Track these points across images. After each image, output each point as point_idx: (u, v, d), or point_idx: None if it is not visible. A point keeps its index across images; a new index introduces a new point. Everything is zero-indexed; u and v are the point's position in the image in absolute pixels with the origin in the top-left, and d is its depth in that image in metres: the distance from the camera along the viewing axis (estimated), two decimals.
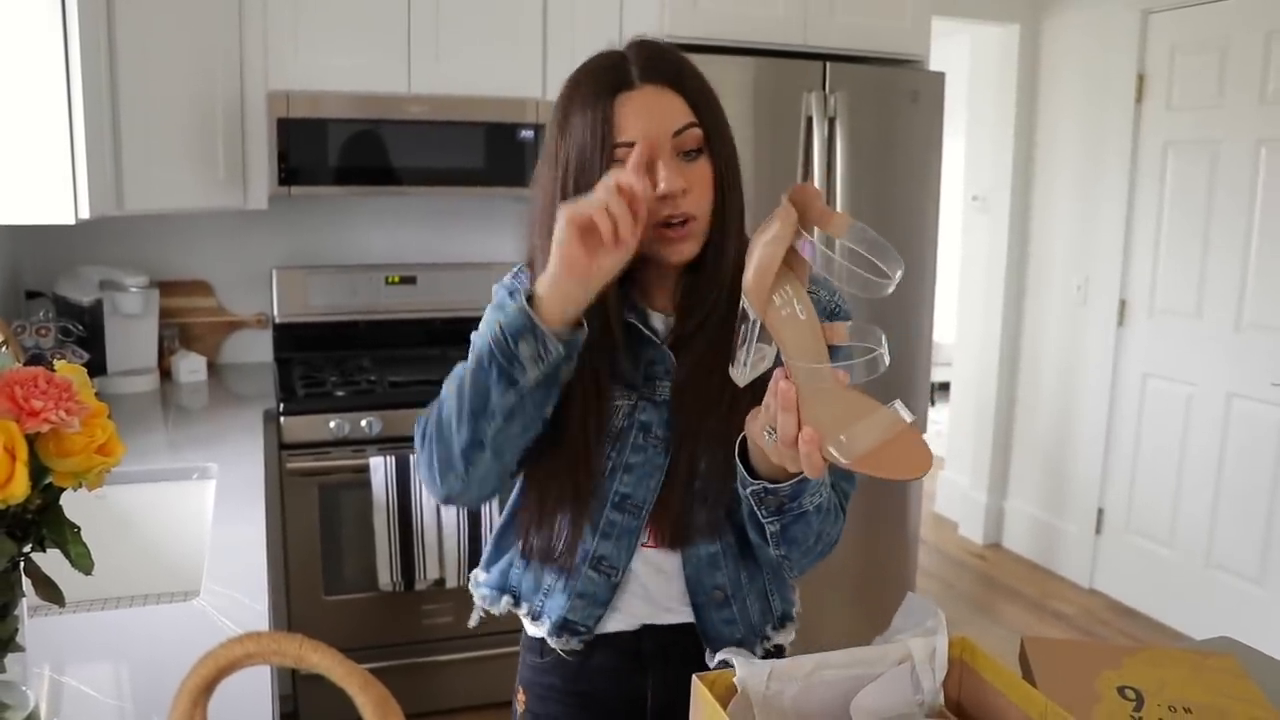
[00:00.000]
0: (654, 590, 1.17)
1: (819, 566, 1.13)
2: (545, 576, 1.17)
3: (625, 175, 0.93)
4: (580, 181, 1.02)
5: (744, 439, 1.00)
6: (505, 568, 1.22)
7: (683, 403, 1.10)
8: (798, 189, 0.92)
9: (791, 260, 0.91)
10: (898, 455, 0.84)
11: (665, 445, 1.11)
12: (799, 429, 0.85)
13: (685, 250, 1.05)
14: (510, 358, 0.97)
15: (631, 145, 1.01)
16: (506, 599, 1.21)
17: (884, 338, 0.87)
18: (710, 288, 1.08)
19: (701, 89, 1.07)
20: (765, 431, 0.90)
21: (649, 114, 1.02)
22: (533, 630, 1.21)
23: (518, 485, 1.20)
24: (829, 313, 1.12)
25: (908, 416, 0.85)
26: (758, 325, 0.91)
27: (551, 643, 1.17)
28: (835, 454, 0.84)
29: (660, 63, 1.05)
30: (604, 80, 1.04)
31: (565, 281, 0.95)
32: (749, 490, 1.00)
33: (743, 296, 0.92)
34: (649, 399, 1.12)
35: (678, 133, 1.03)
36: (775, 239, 0.89)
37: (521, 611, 1.21)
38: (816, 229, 0.90)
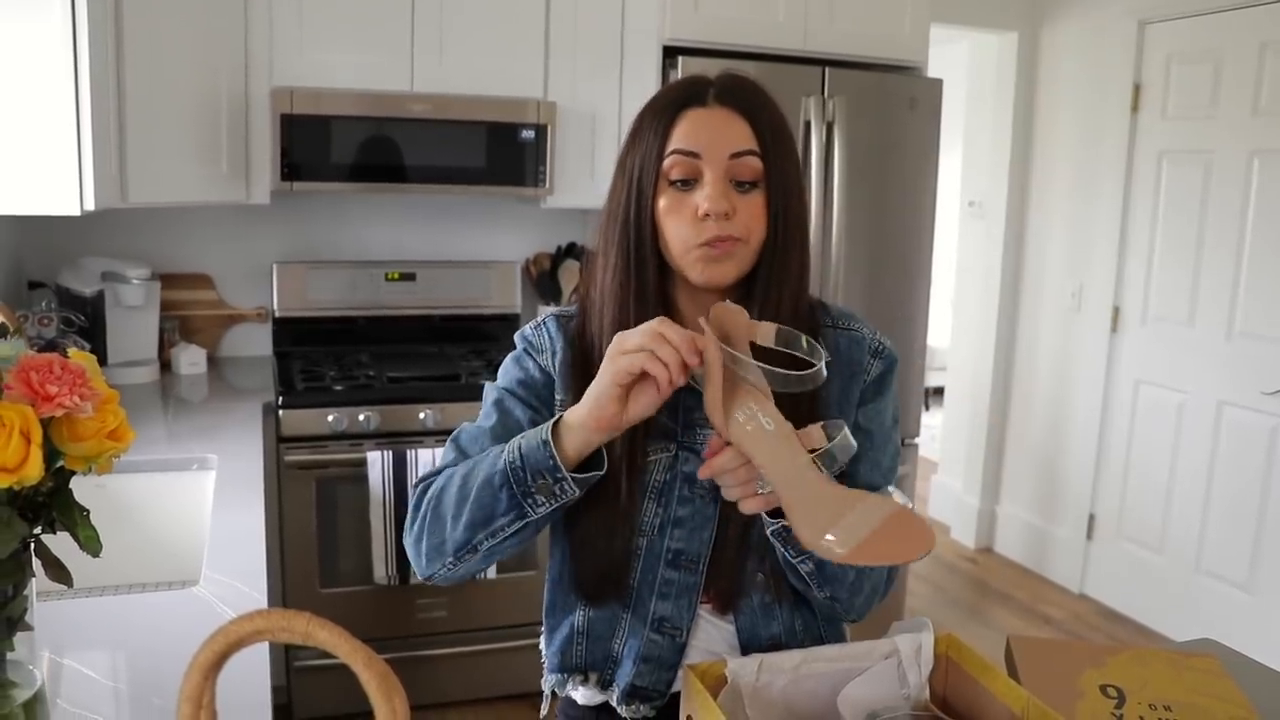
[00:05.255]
0: (712, 645, 1.14)
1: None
2: (612, 644, 1.14)
3: (670, 330, 0.90)
4: (638, 189, 1.04)
5: None
6: (564, 645, 1.17)
7: None
8: (717, 310, 0.94)
9: (744, 378, 0.91)
10: (895, 539, 0.85)
11: (714, 494, 1.08)
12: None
13: (723, 271, 1.03)
14: (525, 491, 0.96)
15: (685, 154, 1.01)
16: (575, 678, 1.17)
17: (846, 428, 0.89)
18: None
19: (775, 128, 1.05)
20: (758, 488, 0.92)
21: (711, 130, 1.02)
22: (600, 698, 1.16)
23: (558, 555, 1.17)
24: (874, 351, 1.13)
25: (900, 499, 0.86)
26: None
27: (622, 711, 1.13)
28: (830, 547, 0.84)
29: (739, 90, 1.05)
30: (679, 95, 1.05)
31: (593, 432, 0.95)
32: (771, 530, 0.99)
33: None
34: (690, 448, 1.09)
35: (736, 155, 1.02)
36: (707, 370, 0.90)
37: (591, 682, 1.16)
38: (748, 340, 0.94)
